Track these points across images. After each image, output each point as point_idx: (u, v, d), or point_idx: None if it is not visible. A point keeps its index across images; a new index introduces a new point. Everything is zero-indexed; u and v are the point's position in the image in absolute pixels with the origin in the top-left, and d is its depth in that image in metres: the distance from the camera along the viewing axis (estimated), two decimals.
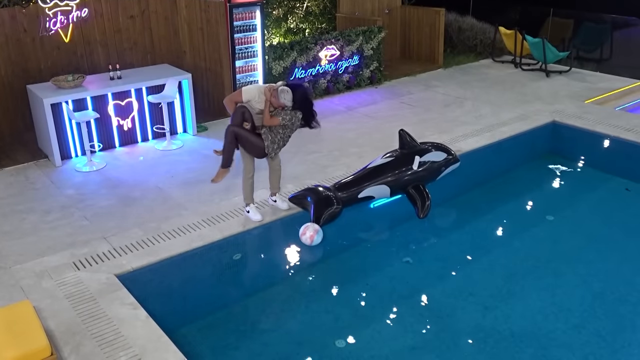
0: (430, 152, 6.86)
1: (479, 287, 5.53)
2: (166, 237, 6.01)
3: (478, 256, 6.12)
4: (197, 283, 5.64)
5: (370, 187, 6.52)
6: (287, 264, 6.02)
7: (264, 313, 5.31)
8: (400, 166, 6.69)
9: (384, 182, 6.58)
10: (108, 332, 4.64)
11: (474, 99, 10.35)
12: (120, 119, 8.35)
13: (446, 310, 5.22)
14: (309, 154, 8.13)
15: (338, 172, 7.41)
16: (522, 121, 9.08)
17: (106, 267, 5.50)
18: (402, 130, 6.94)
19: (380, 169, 6.66)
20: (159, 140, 8.65)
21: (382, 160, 6.77)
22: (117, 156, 8.18)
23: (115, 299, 5.02)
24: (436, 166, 6.86)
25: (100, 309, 4.90)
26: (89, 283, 5.25)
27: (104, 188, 7.21)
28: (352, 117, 9.65)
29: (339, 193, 6.41)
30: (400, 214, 6.76)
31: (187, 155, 8.16)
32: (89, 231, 6.18)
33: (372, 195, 6.56)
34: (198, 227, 6.19)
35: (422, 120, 9.34)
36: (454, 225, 6.84)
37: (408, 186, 6.70)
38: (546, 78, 11.62)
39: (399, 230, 6.65)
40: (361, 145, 8.40)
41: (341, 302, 5.39)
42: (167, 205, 6.73)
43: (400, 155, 6.80)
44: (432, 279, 5.72)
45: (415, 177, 6.71)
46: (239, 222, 6.29)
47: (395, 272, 5.81)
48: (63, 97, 7.63)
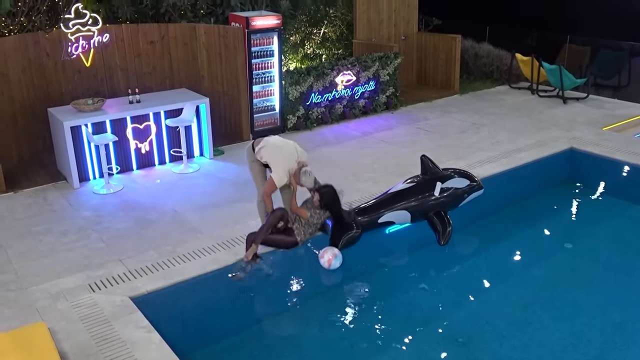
0: (452, 178, 6.81)
1: (496, 316, 5.45)
2: (181, 260, 6.02)
3: (495, 284, 6.05)
4: (211, 307, 5.63)
5: (390, 212, 6.48)
6: (302, 288, 5.99)
7: (279, 338, 5.27)
8: (421, 192, 6.65)
9: (405, 208, 6.54)
10: (122, 355, 4.62)
11: (491, 125, 10.32)
12: (139, 142, 8.42)
13: (462, 339, 5.14)
14: (323, 180, 8.08)
15: (353, 197, 7.38)
16: (539, 148, 9.02)
17: (121, 290, 5.50)
18: (424, 156, 6.92)
19: (401, 194, 6.63)
20: (176, 163, 8.69)
21: (403, 186, 6.75)
22: (135, 179, 8.23)
23: (129, 322, 5.02)
24: (459, 193, 6.81)
25: (114, 331, 4.90)
26: (103, 305, 5.26)
27: (121, 210, 7.25)
28: (368, 142, 9.65)
29: (359, 217, 6.38)
30: (417, 239, 6.72)
31: (204, 179, 8.20)
32: (105, 253, 6.21)
33: (393, 220, 6.52)
34: (213, 251, 6.19)
35: (438, 145, 9.31)
36: (471, 252, 6.78)
37: (429, 212, 6.64)
38: (563, 105, 11.56)
39: (415, 256, 6.61)
40: (377, 171, 8.38)
41: (357, 329, 5.33)
42: (183, 228, 6.75)
43: (422, 180, 6.77)
44: (449, 306, 5.65)
45: (437, 203, 6.65)
46: None
47: (411, 299, 5.75)
48: (83, 120, 7.73)
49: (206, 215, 7.03)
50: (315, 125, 10.29)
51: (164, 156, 8.70)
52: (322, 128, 10.29)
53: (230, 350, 5.08)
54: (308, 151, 9.09)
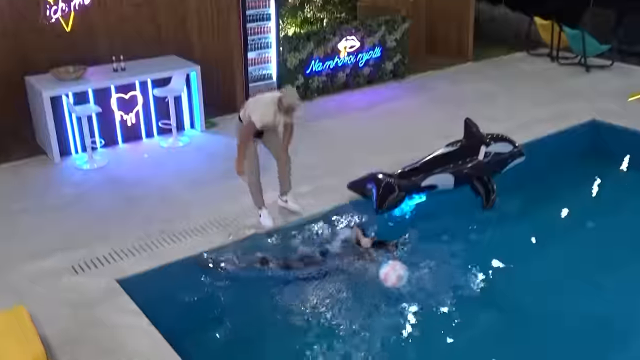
0: (497, 142, 7.03)
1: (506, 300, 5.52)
2: (171, 240, 6.05)
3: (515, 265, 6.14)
4: (203, 289, 5.65)
5: (434, 176, 6.72)
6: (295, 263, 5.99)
7: (275, 322, 5.31)
8: (465, 155, 6.88)
9: (449, 171, 6.78)
10: (108, 340, 4.67)
11: (507, 95, 10.28)
12: (124, 114, 8.40)
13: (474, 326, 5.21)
14: (326, 153, 8.14)
15: (357, 174, 7.38)
16: (559, 119, 9.00)
17: (106, 271, 5.54)
18: (468, 119, 7.11)
19: (445, 157, 6.88)
20: (164, 136, 8.67)
21: (446, 149, 6.97)
22: (120, 153, 8.24)
23: (115, 306, 5.06)
24: (502, 158, 7.04)
25: (99, 316, 4.94)
26: (87, 288, 5.30)
27: (105, 187, 7.26)
28: (374, 114, 9.62)
29: (402, 180, 6.62)
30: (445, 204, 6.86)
31: (195, 153, 8.20)
32: (89, 232, 6.23)
33: (436, 184, 6.76)
34: (205, 230, 6.22)
35: (449, 117, 9.27)
36: (484, 232, 6.82)
37: (473, 177, 6.89)
38: (586, 73, 11.51)
39: (442, 222, 6.74)
40: (382, 145, 8.37)
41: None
42: (173, 206, 6.77)
43: (465, 144, 6.98)
44: (460, 287, 5.71)
45: (480, 168, 6.88)
46: (249, 225, 6.30)
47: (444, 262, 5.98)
48: (63, 90, 7.71)
49: (197, 192, 7.05)
50: (315, 95, 10.26)
51: (151, 129, 8.68)
52: (323, 99, 10.26)
53: (223, 335, 5.13)
54: (307, 123, 9.16)
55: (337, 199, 6.86)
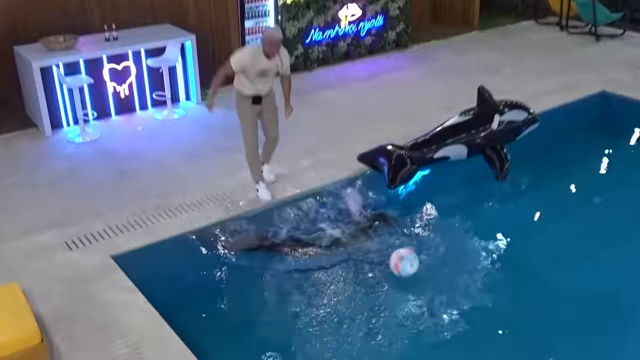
0: (511, 110, 7.04)
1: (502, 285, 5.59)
2: (167, 215, 6.07)
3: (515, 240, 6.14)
4: (201, 266, 5.69)
5: (446, 147, 6.73)
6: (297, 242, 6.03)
7: (275, 300, 5.34)
8: (479, 125, 6.89)
9: (462, 142, 6.79)
10: (103, 318, 4.71)
11: (514, 66, 10.22)
12: (117, 85, 8.36)
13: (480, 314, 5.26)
14: (325, 126, 8.12)
15: (358, 147, 7.39)
16: (567, 91, 8.96)
17: (101, 248, 5.56)
18: (482, 87, 7.13)
19: (457, 127, 6.88)
20: (159, 108, 8.64)
21: (459, 118, 6.97)
22: (113, 126, 8.22)
23: (111, 283, 5.09)
24: (517, 126, 7.06)
25: (94, 293, 4.97)
26: (82, 264, 5.32)
27: (98, 160, 7.26)
28: (375, 85, 9.58)
29: (414, 153, 6.60)
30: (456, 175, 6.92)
31: (190, 125, 8.18)
32: (82, 207, 6.24)
33: (448, 155, 6.78)
34: (202, 205, 6.23)
35: (454, 89, 9.25)
36: (488, 208, 6.85)
37: (486, 147, 6.91)
38: (596, 43, 11.43)
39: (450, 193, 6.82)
40: (385, 117, 8.35)
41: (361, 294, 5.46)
42: (168, 180, 6.77)
43: (479, 113, 6.98)
44: (473, 261, 5.79)
45: (494, 137, 6.90)
46: (248, 200, 6.32)
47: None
48: (54, 60, 7.66)
49: (193, 166, 7.04)
50: (315, 66, 10.21)
51: (145, 101, 8.65)
52: (323, 69, 10.22)
53: (221, 313, 5.17)
54: (306, 94, 9.15)
55: (337, 172, 6.87)
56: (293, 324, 5.09)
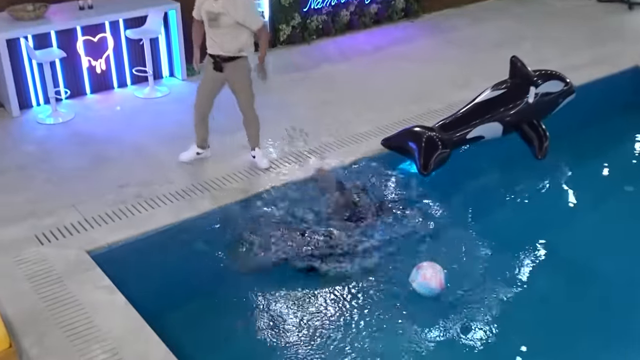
0: (547, 81, 7.12)
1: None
2: (149, 205, 6.05)
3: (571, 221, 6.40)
4: (187, 262, 5.68)
5: (480, 126, 6.76)
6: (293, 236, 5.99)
7: (268, 301, 5.34)
8: (514, 99, 6.97)
9: (497, 119, 6.84)
10: (78, 320, 4.69)
11: (535, 38, 10.19)
12: (92, 60, 8.32)
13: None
14: (325, 106, 8.10)
15: (361, 129, 7.38)
16: (596, 66, 8.95)
17: (76, 242, 5.54)
18: (515, 57, 7.19)
19: (491, 103, 6.93)
20: (139, 85, 8.63)
21: (491, 93, 7.02)
22: (89, 105, 8.19)
23: (87, 281, 5.07)
24: (554, 98, 7.14)
25: (68, 292, 4.95)
26: (55, 261, 5.30)
27: (73, 144, 7.24)
28: (382, 59, 9.56)
29: (445, 134, 6.62)
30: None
31: (175, 105, 8.16)
32: (55, 197, 6.22)
33: (483, 135, 6.82)
34: (188, 194, 6.21)
35: (469, 63, 9.24)
36: (508, 195, 6.86)
37: (523, 122, 6.96)
38: (628, 11, 11.40)
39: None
40: (393, 95, 8.32)
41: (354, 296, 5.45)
42: (150, 166, 6.75)
43: (512, 86, 7.05)
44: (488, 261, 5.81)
45: (532, 111, 6.97)
46: (239, 189, 6.31)
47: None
48: (21, 31, 7.61)
49: (179, 151, 6.99)
50: (314, 37, 10.18)
51: (124, 77, 8.63)
52: (323, 41, 10.20)
53: (208, 313, 5.16)
54: (306, 69, 9.12)
55: (338, 157, 6.85)
56: (288, 327, 5.09)
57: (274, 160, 6.78)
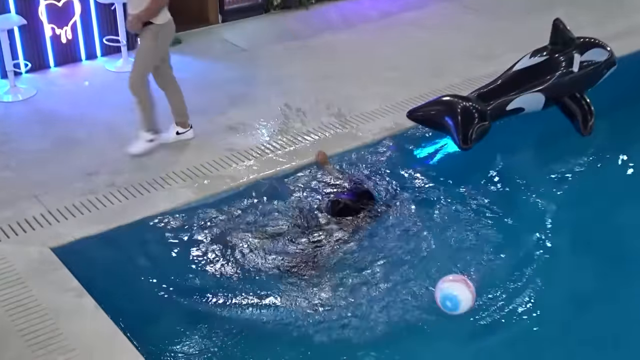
0: (590, 49, 7.17)
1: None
2: (122, 195, 6.05)
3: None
4: (165, 261, 5.66)
5: (521, 96, 6.81)
6: (287, 237, 5.99)
7: (254, 303, 5.32)
8: (557, 68, 7.00)
9: (539, 90, 6.89)
10: (42, 328, 4.67)
11: (567, 3, 10.16)
12: (56, 27, 8.31)
13: None
14: (325, 80, 8.10)
15: (369, 106, 7.35)
16: (637, 36, 8.94)
17: (38, 238, 5.53)
18: (558, 20, 7.20)
19: (531, 72, 6.97)
20: (111, 57, 8.64)
21: (531, 61, 7.04)
22: (52, 80, 8.19)
23: (51, 282, 5.06)
24: (597, 68, 7.19)
25: (30, 295, 4.93)
26: (14, 259, 5.29)
27: (34, 125, 7.24)
28: (390, 27, 9.59)
29: (482, 104, 6.65)
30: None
31: (152, 79, 8.08)
32: (14, 186, 6.21)
33: (523, 107, 6.88)
34: (167, 183, 6.21)
35: (489, 32, 9.27)
36: (521, 185, 6.88)
37: (565, 94, 7.04)
38: None
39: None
40: (402, 68, 8.34)
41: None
42: (123, 149, 6.73)
43: (554, 53, 7.08)
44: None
45: (575, 82, 7.05)
46: (225, 178, 6.30)
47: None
48: None
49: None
50: (313, 1, 10.20)
51: (93, 47, 8.64)
52: (323, 6, 10.25)
53: (192, 318, 5.14)
54: (303, 38, 9.09)
55: (343, 142, 6.84)
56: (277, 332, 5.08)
57: (267, 144, 6.74)
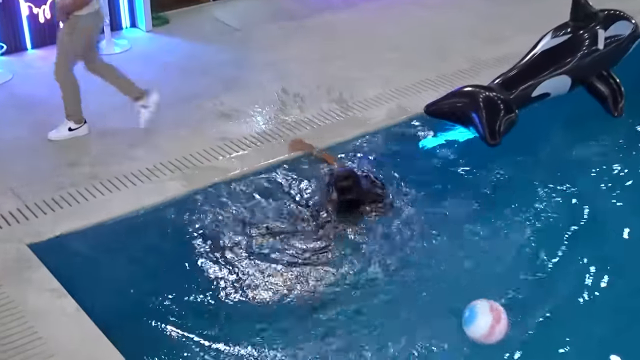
0: (614, 22, 7.16)
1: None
2: (106, 188, 6.06)
3: None
4: (151, 258, 5.66)
5: (547, 80, 6.81)
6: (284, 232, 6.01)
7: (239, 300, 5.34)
8: (580, 46, 7.00)
9: (564, 72, 6.89)
10: (19, 332, 4.68)
11: None
12: (34, 6, 8.32)
13: None
14: (326, 62, 8.13)
15: (373, 91, 7.36)
16: None
17: (15, 234, 5.53)
18: None
19: (555, 52, 6.95)
20: None
21: (553, 41, 7.02)
22: (30, 62, 8.19)
23: (29, 282, 5.07)
24: (622, 43, 7.20)
25: (6, 297, 4.95)
26: None
27: (10, 110, 7.25)
28: (391, 5, 9.61)
29: (506, 93, 6.63)
30: None
31: (138, 63, 8.15)
32: None
33: (549, 92, 6.87)
34: (154, 175, 6.22)
35: (498, 11, 9.28)
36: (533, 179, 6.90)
37: (592, 74, 7.06)
38: None
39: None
40: (404, 49, 8.37)
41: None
42: (107, 139, 6.76)
43: (576, 29, 7.06)
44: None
45: (601, 60, 7.07)
46: (216, 168, 6.33)
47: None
48: None
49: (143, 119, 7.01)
50: None
51: None
52: None
53: (177, 319, 5.15)
54: (300, 18, 9.07)
55: (345, 130, 6.87)
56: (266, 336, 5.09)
57: (262, 132, 6.77)
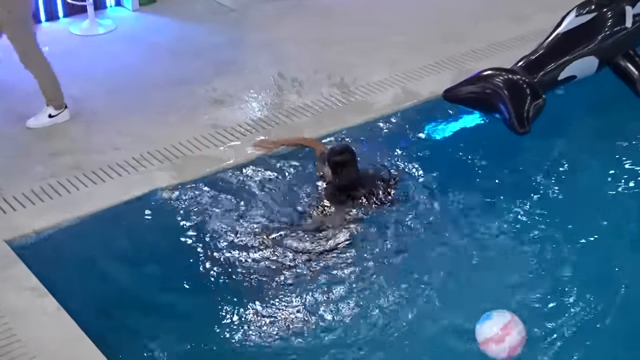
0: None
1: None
2: (89, 180, 6.07)
3: None
4: (136, 254, 5.68)
5: (574, 62, 6.86)
6: (280, 227, 6.04)
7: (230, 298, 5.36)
8: (607, 25, 7.04)
9: (591, 52, 6.95)
10: None
11: None
12: None
13: None
14: (327, 46, 8.15)
15: (376, 76, 7.39)
16: None
17: None
18: None
19: (580, 32, 7.00)
20: (75, 18, 8.66)
21: (577, 20, 7.05)
22: (4, 45, 8.06)
23: (6, 280, 5.09)
24: None
25: None
26: None
27: None
28: None
29: (531, 77, 6.66)
30: None
31: (123, 44, 8.19)
32: None
33: (575, 74, 6.94)
34: (141, 165, 6.24)
35: None
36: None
37: (618, 54, 7.12)
38: None
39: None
40: (408, 32, 8.40)
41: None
42: (90, 127, 6.78)
43: (601, 7, 7.10)
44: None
45: (629, 39, 7.18)
46: (208, 158, 6.35)
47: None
48: None
49: (129, 106, 7.06)
50: None
51: (55, 7, 8.68)
52: None
53: (165, 319, 5.16)
54: None
55: (347, 117, 6.91)
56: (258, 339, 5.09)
57: (258, 120, 6.79)
